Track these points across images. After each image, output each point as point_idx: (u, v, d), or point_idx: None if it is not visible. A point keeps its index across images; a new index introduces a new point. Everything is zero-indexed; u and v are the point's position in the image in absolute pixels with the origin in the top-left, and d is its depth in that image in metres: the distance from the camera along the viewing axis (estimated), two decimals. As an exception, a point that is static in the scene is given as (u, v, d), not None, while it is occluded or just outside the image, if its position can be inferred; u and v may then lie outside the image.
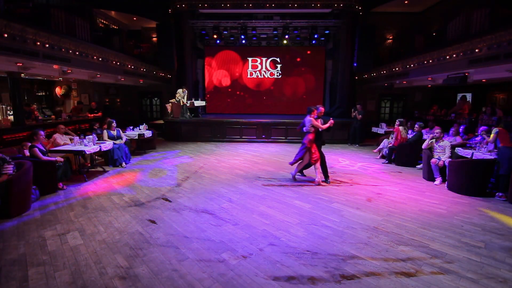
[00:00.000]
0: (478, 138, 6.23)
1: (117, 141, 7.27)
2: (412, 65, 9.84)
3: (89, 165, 6.99)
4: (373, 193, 5.36)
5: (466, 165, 5.41)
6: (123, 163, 7.19)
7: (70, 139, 6.68)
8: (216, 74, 14.54)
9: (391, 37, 13.85)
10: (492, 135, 5.49)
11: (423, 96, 14.01)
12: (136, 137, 8.50)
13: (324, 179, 5.98)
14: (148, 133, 8.85)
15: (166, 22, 12.38)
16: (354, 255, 3.21)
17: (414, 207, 4.68)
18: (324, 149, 6.16)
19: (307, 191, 5.46)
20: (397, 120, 7.87)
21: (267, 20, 12.83)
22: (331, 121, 5.87)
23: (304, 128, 5.87)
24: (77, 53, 8.01)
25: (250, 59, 14.31)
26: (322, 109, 5.94)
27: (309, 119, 5.76)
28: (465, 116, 9.50)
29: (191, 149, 9.62)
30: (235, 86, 14.57)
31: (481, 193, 5.26)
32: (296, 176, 6.18)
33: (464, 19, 7.98)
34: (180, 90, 11.39)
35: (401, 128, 7.69)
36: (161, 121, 12.20)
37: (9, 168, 4.20)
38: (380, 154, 8.50)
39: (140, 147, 8.98)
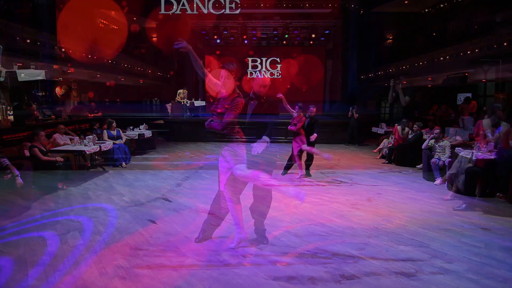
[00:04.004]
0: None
1: (117, 141, 7.27)
2: (412, 65, 9.83)
3: (89, 165, 6.98)
4: (373, 193, 5.36)
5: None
6: (123, 163, 7.19)
7: (70, 139, 6.68)
8: (216, 74, 14.50)
9: (391, 37, 13.84)
10: (495, 134, 5.46)
11: (423, 96, 13.99)
12: (136, 137, 8.49)
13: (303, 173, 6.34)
14: (148, 133, 8.85)
15: (166, 22, 12.37)
16: (354, 255, 3.20)
17: (414, 207, 4.67)
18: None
19: (307, 191, 5.44)
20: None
21: (267, 20, 12.84)
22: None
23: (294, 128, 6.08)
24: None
25: (250, 59, 14.31)
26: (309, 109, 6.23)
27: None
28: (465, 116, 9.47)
29: (191, 149, 9.61)
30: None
31: (481, 193, 5.24)
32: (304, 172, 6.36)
33: (464, 19, 7.99)
34: (181, 91, 11.41)
35: (398, 127, 7.68)
36: (161, 121, 12.20)
37: (6, 160, 4.25)
38: (380, 154, 8.50)
39: (140, 147, 8.97)
